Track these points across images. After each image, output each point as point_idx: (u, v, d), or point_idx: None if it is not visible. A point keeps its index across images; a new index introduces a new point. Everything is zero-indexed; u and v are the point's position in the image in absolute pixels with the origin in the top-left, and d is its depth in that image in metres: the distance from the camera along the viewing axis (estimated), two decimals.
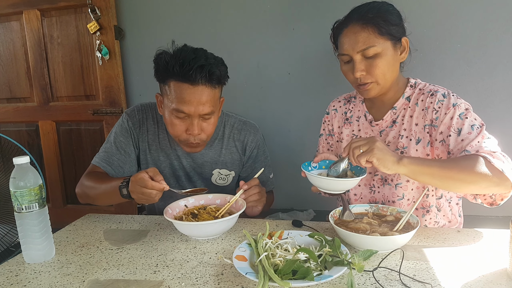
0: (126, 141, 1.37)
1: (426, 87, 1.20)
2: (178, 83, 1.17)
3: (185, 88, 1.16)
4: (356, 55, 1.11)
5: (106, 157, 1.36)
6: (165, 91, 1.22)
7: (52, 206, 2.59)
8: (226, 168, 1.44)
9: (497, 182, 0.96)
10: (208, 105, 1.19)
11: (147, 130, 1.40)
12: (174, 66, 1.15)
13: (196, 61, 1.14)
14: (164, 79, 1.21)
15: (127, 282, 0.87)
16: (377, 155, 0.95)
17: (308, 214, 2.11)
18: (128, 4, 2.27)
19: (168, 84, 1.20)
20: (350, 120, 1.33)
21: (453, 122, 1.09)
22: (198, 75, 1.14)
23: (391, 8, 1.14)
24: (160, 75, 1.22)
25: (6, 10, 2.42)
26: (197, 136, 1.23)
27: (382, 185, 1.24)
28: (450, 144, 1.09)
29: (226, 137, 1.42)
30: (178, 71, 1.15)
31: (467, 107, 1.11)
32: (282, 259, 0.85)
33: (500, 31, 1.80)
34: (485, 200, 1.07)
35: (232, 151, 1.43)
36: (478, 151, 1.01)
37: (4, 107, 2.59)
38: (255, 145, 1.45)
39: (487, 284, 0.80)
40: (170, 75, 1.18)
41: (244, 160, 1.46)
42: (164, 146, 1.40)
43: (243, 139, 1.43)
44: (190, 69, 1.13)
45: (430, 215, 1.21)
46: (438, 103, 1.13)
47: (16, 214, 0.97)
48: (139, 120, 1.39)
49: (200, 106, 1.18)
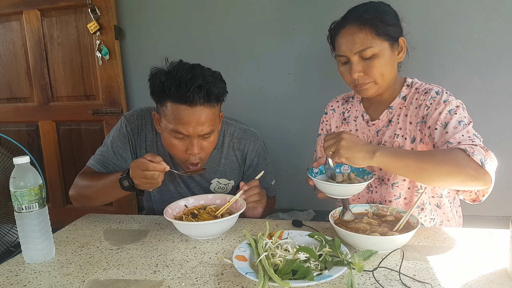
0: (123, 146, 1.35)
1: (422, 86, 1.19)
2: (176, 105, 1.13)
3: (182, 109, 1.13)
4: (353, 56, 1.11)
5: (102, 160, 1.34)
6: (162, 111, 1.19)
7: (52, 206, 2.59)
8: (225, 177, 1.42)
9: (474, 176, 0.92)
10: (207, 125, 1.17)
11: (145, 137, 1.37)
12: (170, 87, 1.11)
13: (194, 82, 1.10)
14: (160, 100, 1.18)
15: (127, 282, 0.87)
16: (344, 155, 0.96)
17: (308, 214, 2.11)
18: (128, 4, 2.27)
19: (165, 105, 1.16)
20: (347, 120, 1.33)
21: (441, 116, 1.07)
22: (196, 96, 1.11)
23: (387, 9, 1.14)
24: (156, 96, 1.18)
25: (6, 10, 2.42)
26: (197, 155, 1.21)
27: (380, 184, 1.24)
28: (435, 137, 1.06)
29: (226, 146, 1.39)
30: (175, 93, 1.11)
31: (458, 104, 1.09)
32: (282, 259, 0.86)
33: (500, 31, 1.80)
34: (468, 197, 1.07)
35: (232, 160, 1.41)
36: (460, 143, 0.98)
37: (4, 107, 2.59)
38: (256, 154, 1.42)
39: (487, 284, 0.80)
40: (167, 96, 1.14)
41: (244, 169, 1.44)
42: (162, 155, 1.35)
43: (243, 148, 1.40)
44: (188, 90, 1.10)
45: (425, 213, 1.21)
46: (431, 99, 1.12)
47: (16, 214, 0.97)
48: (138, 126, 1.37)
49: (199, 126, 1.15)
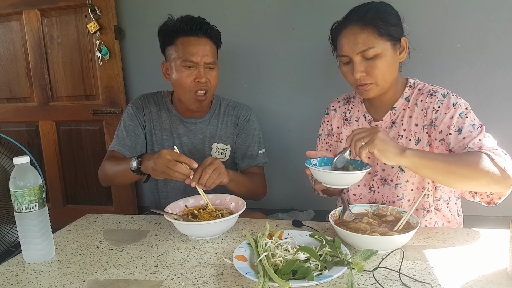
0: (133, 124, 1.52)
1: (425, 87, 1.20)
2: (185, 38, 1.38)
3: (191, 40, 1.38)
4: (355, 56, 1.11)
5: (119, 141, 1.50)
6: (173, 51, 1.40)
7: (52, 206, 2.58)
8: (223, 142, 1.56)
9: (498, 180, 0.96)
10: (211, 56, 1.40)
11: (150, 112, 1.55)
12: (180, 24, 1.38)
13: (198, 19, 1.41)
14: (171, 40, 1.40)
15: (127, 282, 0.87)
16: (378, 146, 0.95)
17: (308, 214, 2.10)
18: (128, 4, 2.26)
19: (176, 43, 1.39)
20: (349, 121, 1.33)
21: (453, 121, 1.09)
22: (200, 29, 1.38)
23: (389, 9, 1.14)
24: (168, 38, 1.41)
25: (6, 10, 2.41)
26: (204, 83, 1.39)
27: (382, 185, 1.24)
28: (450, 142, 1.08)
29: (222, 113, 1.57)
30: (185, 27, 1.37)
31: (466, 106, 1.11)
32: (282, 259, 0.86)
33: (500, 31, 1.80)
34: (483, 199, 1.07)
35: (227, 125, 1.57)
36: (481, 148, 1.01)
37: (4, 107, 2.58)
38: (246, 119, 1.57)
39: (487, 284, 0.80)
40: (177, 33, 1.39)
41: (236, 133, 1.57)
42: (167, 126, 1.54)
43: (236, 114, 1.58)
44: (194, 23, 1.37)
45: (430, 215, 1.21)
46: (438, 103, 1.13)
47: (16, 214, 0.97)
48: (142, 104, 1.56)
49: (205, 56, 1.38)
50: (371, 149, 0.95)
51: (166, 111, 1.56)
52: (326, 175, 1.04)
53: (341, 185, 1.06)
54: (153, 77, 2.29)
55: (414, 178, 1.18)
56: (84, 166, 2.53)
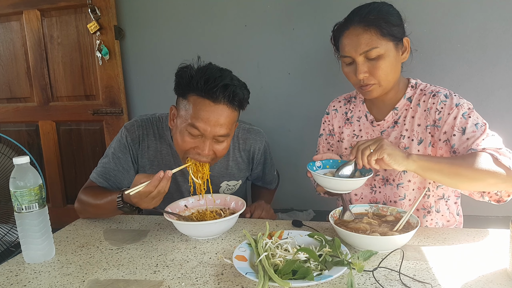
0: (124, 157, 1.33)
1: (428, 88, 1.20)
2: (200, 99, 1.13)
3: (206, 104, 1.13)
4: (358, 57, 1.11)
5: (104, 172, 1.33)
6: (184, 105, 1.17)
7: (52, 206, 2.59)
8: (234, 179, 1.43)
9: (504, 179, 0.97)
10: (225, 127, 1.15)
11: (148, 147, 1.35)
12: (198, 81, 1.11)
13: (222, 80, 1.12)
14: (185, 93, 1.17)
15: (127, 282, 0.87)
16: (387, 150, 0.95)
17: (308, 214, 2.10)
18: (128, 4, 2.26)
19: (188, 99, 1.16)
20: (350, 120, 1.33)
21: (457, 121, 1.09)
22: (221, 93, 1.11)
23: (391, 9, 1.14)
24: (182, 89, 1.18)
25: (6, 10, 2.41)
26: (206, 155, 1.18)
27: (384, 185, 1.24)
28: (454, 144, 1.09)
29: (231, 149, 1.39)
30: (202, 87, 1.11)
31: (469, 106, 1.12)
32: (282, 259, 0.86)
33: (500, 31, 1.80)
34: (491, 198, 1.07)
35: (239, 161, 1.42)
36: (485, 148, 1.01)
37: (4, 107, 2.58)
38: (262, 152, 1.46)
39: (487, 284, 0.80)
40: (193, 90, 1.14)
41: (252, 167, 1.48)
42: (168, 162, 1.35)
43: (249, 149, 1.42)
44: (215, 86, 1.10)
45: (431, 216, 1.21)
46: (441, 103, 1.13)
47: (16, 214, 0.97)
48: (139, 136, 1.34)
49: (217, 126, 1.14)
50: (381, 154, 0.96)
51: (167, 146, 1.35)
52: (326, 181, 1.04)
53: (341, 190, 1.06)
54: (153, 77, 2.30)
55: (416, 178, 1.18)
56: (84, 166, 2.53)
